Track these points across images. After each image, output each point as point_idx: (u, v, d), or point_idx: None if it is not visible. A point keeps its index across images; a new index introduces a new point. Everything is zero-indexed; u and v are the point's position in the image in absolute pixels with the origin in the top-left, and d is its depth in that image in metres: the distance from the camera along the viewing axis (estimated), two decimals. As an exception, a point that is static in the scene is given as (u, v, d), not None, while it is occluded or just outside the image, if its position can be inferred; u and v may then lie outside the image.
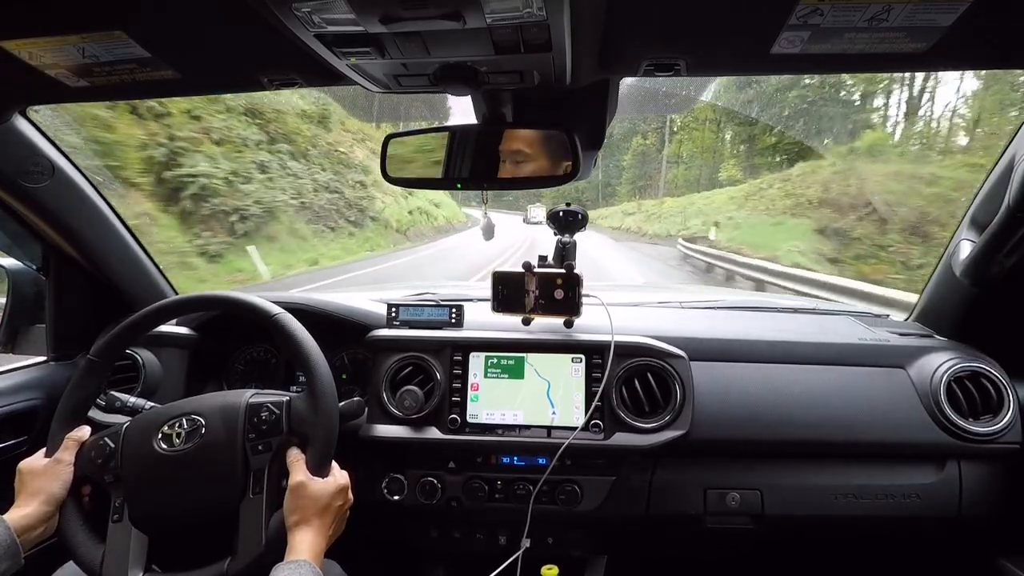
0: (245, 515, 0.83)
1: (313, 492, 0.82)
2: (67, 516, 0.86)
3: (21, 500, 0.84)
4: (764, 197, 14.93)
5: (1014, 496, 1.16)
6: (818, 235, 10.95)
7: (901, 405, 1.16)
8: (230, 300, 0.97)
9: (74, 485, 0.87)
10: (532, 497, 1.15)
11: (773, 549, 1.37)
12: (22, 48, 0.77)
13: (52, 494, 0.84)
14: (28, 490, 0.84)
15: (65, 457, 0.87)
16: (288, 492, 0.83)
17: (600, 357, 1.16)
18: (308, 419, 0.87)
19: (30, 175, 1.13)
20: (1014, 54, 0.77)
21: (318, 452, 0.85)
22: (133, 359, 1.27)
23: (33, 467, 0.86)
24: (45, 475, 0.85)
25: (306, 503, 0.81)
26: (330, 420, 0.86)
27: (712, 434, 1.15)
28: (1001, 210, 1.00)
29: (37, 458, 0.88)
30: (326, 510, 0.83)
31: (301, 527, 0.80)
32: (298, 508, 0.81)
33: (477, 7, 0.59)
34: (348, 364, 1.35)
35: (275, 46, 0.72)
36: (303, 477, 0.83)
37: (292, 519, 0.81)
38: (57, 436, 0.89)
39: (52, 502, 0.84)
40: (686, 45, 0.75)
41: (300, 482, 0.82)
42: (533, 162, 0.96)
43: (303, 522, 0.80)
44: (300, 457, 0.86)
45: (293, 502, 0.82)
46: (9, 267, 1.34)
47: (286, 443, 0.87)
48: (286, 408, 0.88)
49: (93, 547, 0.84)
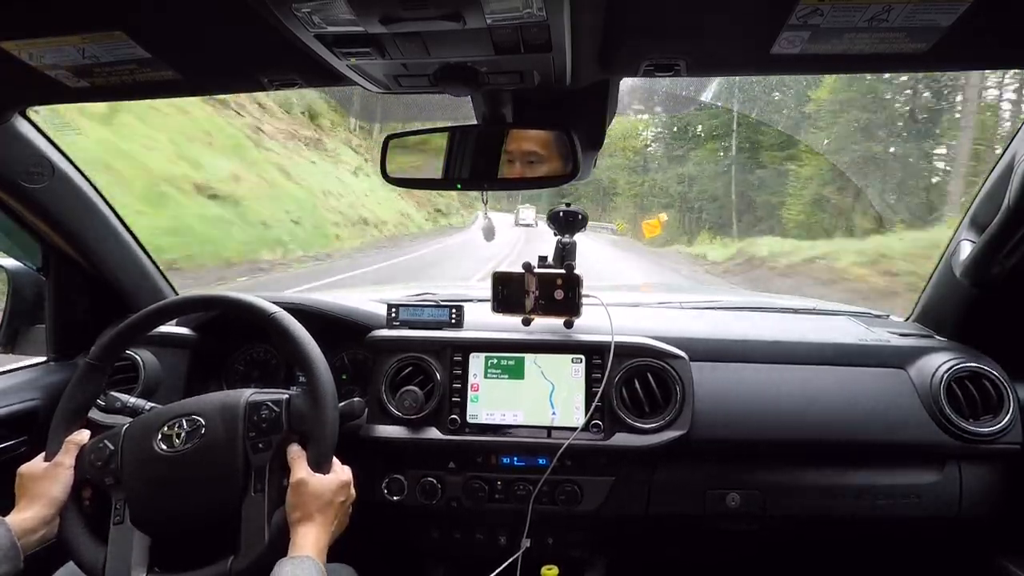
0: (247, 513, 0.83)
1: (315, 488, 0.82)
2: (68, 519, 0.85)
3: (21, 504, 0.84)
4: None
5: (1014, 496, 1.16)
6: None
7: (901, 405, 1.15)
8: (227, 300, 0.97)
9: (74, 488, 0.87)
10: (532, 497, 1.15)
11: (773, 549, 1.37)
12: (22, 48, 0.77)
13: (53, 497, 0.84)
14: (28, 494, 0.84)
15: (65, 460, 0.87)
16: (290, 489, 0.83)
17: (600, 357, 1.16)
18: (308, 416, 0.87)
19: (30, 175, 1.13)
20: (1014, 54, 0.77)
21: (319, 449, 0.86)
22: (133, 360, 1.27)
23: (33, 471, 0.86)
24: (45, 479, 0.85)
25: (308, 499, 0.82)
26: (330, 417, 0.87)
27: (712, 434, 1.15)
28: (1001, 210, 1.00)
29: (37, 462, 0.88)
30: (328, 506, 0.83)
31: (304, 523, 0.80)
32: (300, 505, 0.81)
33: (477, 7, 0.59)
34: (348, 364, 1.35)
35: (275, 46, 0.72)
36: (304, 474, 0.83)
37: (294, 516, 0.81)
38: (56, 439, 0.89)
39: (53, 505, 0.84)
40: (686, 45, 0.75)
41: (301, 479, 0.83)
42: (533, 163, 0.96)
43: (305, 518, 0.81)
44: (301, 454, 0.86)
45: (295, 499, 0.82)
46: (9, 267, 1.34)
47: (286, 441, 0.87)
48: (286, 406, 0.88)
49: (95, 550, 0.84)
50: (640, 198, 33.05)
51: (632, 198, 33.91)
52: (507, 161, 0.96)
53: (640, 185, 33.21)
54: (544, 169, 0.95)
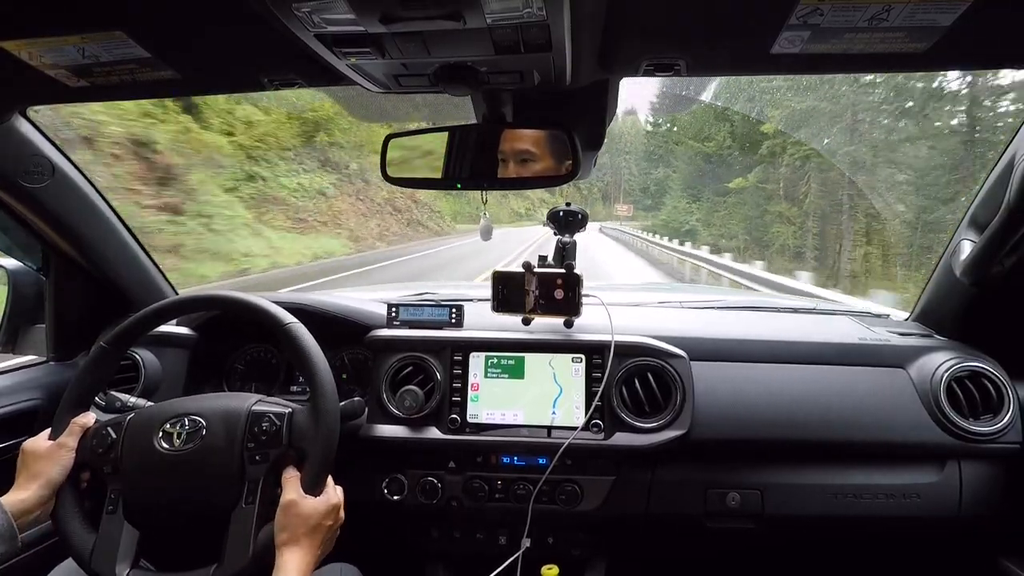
0: (235, 524, 0.83)
1: (304, 511, 0.81)
2: (63, 502, 0.86)
3: (20, 483, 0.84)
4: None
5: (1014, 496, 1.16)
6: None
7: (901, 405, 1.16)
8: (244, 303, 0.96)
9: (74, 470, 0.87)
10: (532, 497, 1.15)
11: (773, 549, 1.37)
12: (22, 48, 0.77)
13: (51, 478, 0.85)
14: (28, 472, 0.85)
15: (68, 442, 0.88)
16: (280, 509, 0.82)
17: (600, 357, 1.16)
18: (308, 435, 0.86)
19: (30, 175, 1.13)
20: (1014, 54, 0.77)
21: (314, 469, 0.84)
22: (133, 359, 1.27)
23: (36, 448, 0.87)
24: (47, 458, 0.86)
25: (297, 522, 0.80)
26: (330, 438, 0.86)
27: (712, 434, 1.15)
28: (1001, 210, 1.00)
29: (41, 440, 0.88)
30: (316, 529, 0.82)
31: (290, 546, 0.79)
32: (288, 526, 0.80)
33: (477, 7, 0.59)
34: (348, 364, 1.35)
35: (275, 46, 0.72)
36: (295, 495, 0.82)
37: (281, 537, 0.80)
38: (63, 419, 0.90)
39: (50, 486, 0.85)
40: (686, 45, 0.75)
41: (292, 500, 0.82)
42: (533, 162, 0.96)
43: (292, 541, 0.80)
44: (295, 474, 0.85)
45: (284, 520, 0.81)
46: (9, 267, 1.34)
47: (284, 456, 0.87)
48: (288, 420, 0.88)
49: (85, 536, 0.84)
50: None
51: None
52: (507, 161, 0.96)
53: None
54: (544, 169, 0.95)
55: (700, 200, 28.52)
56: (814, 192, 17.19)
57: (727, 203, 23.61)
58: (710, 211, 26.29)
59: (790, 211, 18.73)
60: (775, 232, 19.23)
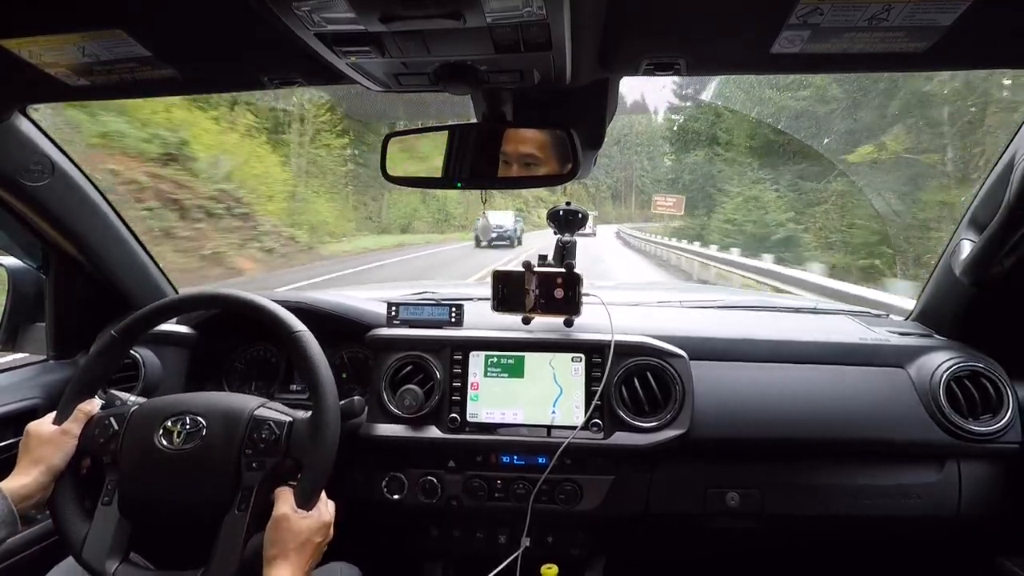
0: (226, 530, 0.82)
1: (295, 527, 0.80)
2: (61, 489, 0.86)
3: (21, 467, 0.85)
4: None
5: (1014, 496, 1.16)
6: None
7: (901, 404, 1.16)
8: (255, 305, 0.95)
9: (75, 457, 0.88)
10: (532, 496, 1.15)
11: (773, 549, 1.37)
12: (22, 47, 0.77)
13: (52, 465, 0.85)
14: (31, 456, 0.85)
15: (72, 428, 0.88)
16: (271, 523, 0.81)
17: (600, 356, 1.16)
18: (307, 447, 0.86)
19: (30, 174, 1.13)
20: (1014, 54, 0.77)
21: (309, 483, 0.84)
22: (133, 358, 1.27)
23: (40, 432, 0.87)
24: (50, 443, 0.86)
25: (287, 537, 0.80)
26: (327, 452, 0.85)
27: (712, 433, 1.15)
28: (1001, 210, 1.00)
29: (46, 423, 0.89)
30: (305, 546, 0.81)
31: (279, 561, 0.78)
32: (278, 541, 0.80)
33: (477, 6, 0.59)
34: (348, 363, 1.35)
35: (275, 45, 0.72)
36: (287, 509, 0.81)
37: (271, 552, 0.79)
38: (68, 405, 0.90)
39: (51, 473, 0.85)
40: (686, 44, 0.75)
41: (284, 514, 0.81)
42: (533, 162, 0.96)
43: (281, 556, 0.79)
44: (288, 489, 0.85)
45: (274, 535, 0.80)
46: (9, 266, 1.34)
47: (281, 466, 0.86)
48: (287, 429, 0.87)
49: (79, 524, 0.84)
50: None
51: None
52: (507, 160, 0.96)
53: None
54: (544, 168, 0.95)
55: (780, 186, 16.27)
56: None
57: (839, 192, 13.08)
58: (806, 205, 15.09)
59: (959, 198, 9.25)
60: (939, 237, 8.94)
